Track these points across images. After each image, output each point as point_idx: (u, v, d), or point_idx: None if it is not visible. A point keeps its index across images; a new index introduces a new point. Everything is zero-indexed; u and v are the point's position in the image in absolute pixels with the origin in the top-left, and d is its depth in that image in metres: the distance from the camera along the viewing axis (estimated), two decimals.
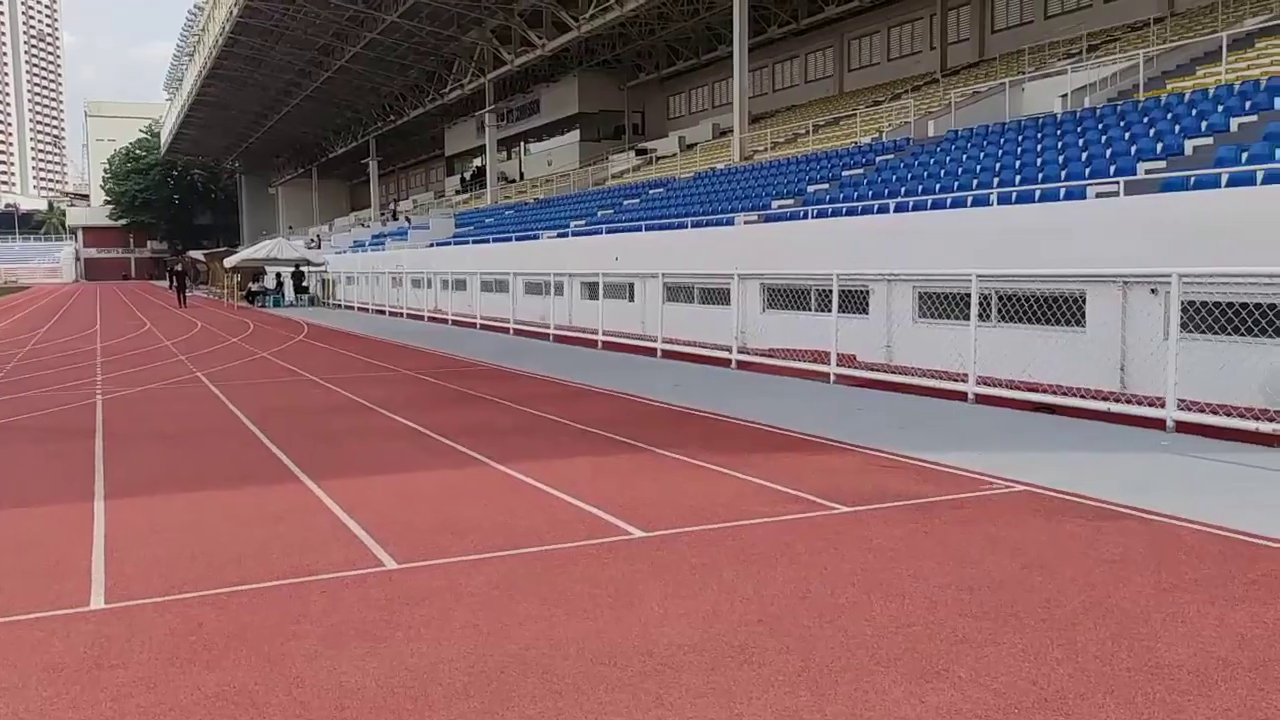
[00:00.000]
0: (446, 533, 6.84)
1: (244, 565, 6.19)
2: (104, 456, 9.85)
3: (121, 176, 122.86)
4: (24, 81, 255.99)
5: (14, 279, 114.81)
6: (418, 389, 15.12)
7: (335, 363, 19.46)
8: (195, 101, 77.97)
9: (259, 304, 45.36)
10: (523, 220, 42.35)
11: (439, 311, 32.73)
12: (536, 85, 57.95)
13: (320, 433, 11.10)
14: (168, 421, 12.19)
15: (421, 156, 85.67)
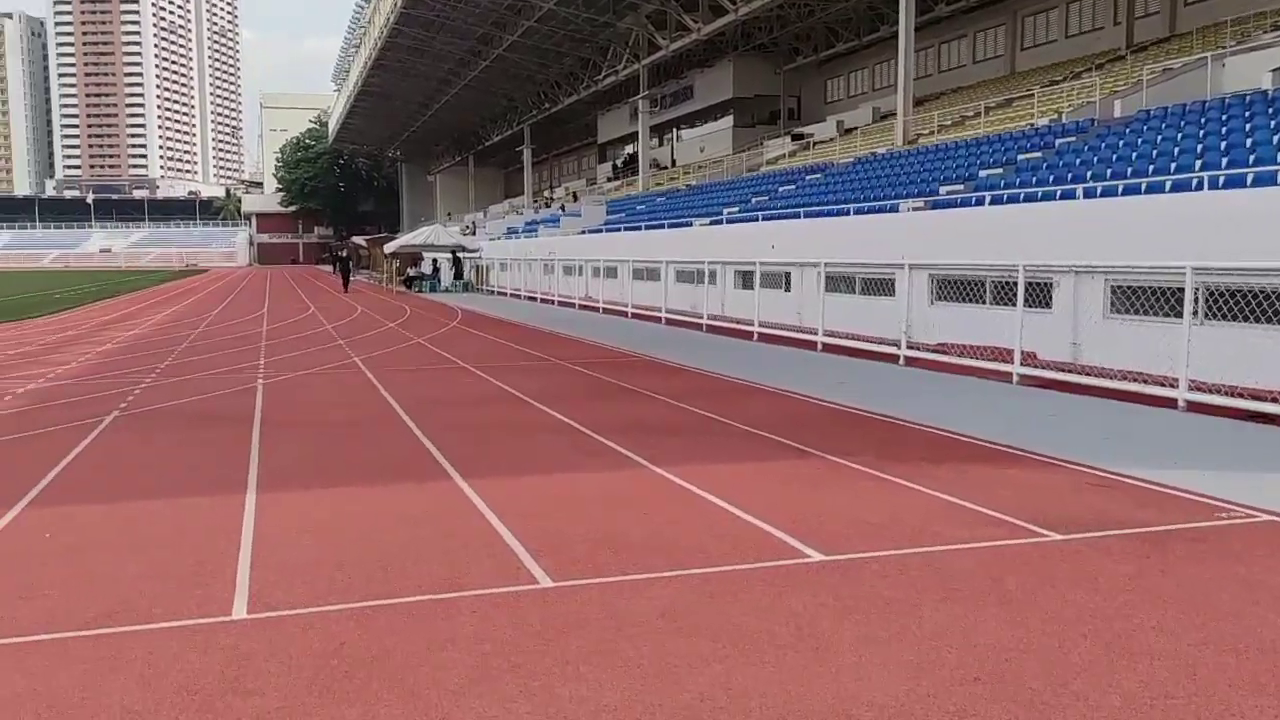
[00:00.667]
0: (604, 546, 6.25)
1: (390, 575, 5.75)
2: (259, 446, 9.69)
3: (292, 165, 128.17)
4: (206, 76, 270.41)
5: (194, 263, 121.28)
6: (571, 380, 14.69)
7: (488, 350, 19.28)
8: (360, 92, 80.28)
9: (416, 289, 46.21)
10: (674, 207, 41.80)
11: (590, 299, 32.50)
12: (690, 70, 57.30)
13: (472, 426, 10.73)
14: (323, 410, 12.06)
15: (574, 144, 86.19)
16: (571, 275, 36.50)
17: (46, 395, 13.40)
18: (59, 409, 12.19)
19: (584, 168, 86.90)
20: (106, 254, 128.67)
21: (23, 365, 17.16)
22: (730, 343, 20.11)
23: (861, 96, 48.69)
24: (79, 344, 21.44)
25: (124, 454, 9.41)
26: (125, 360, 17.88)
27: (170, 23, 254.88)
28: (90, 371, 16.22)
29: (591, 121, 74.25)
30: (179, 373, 15.94)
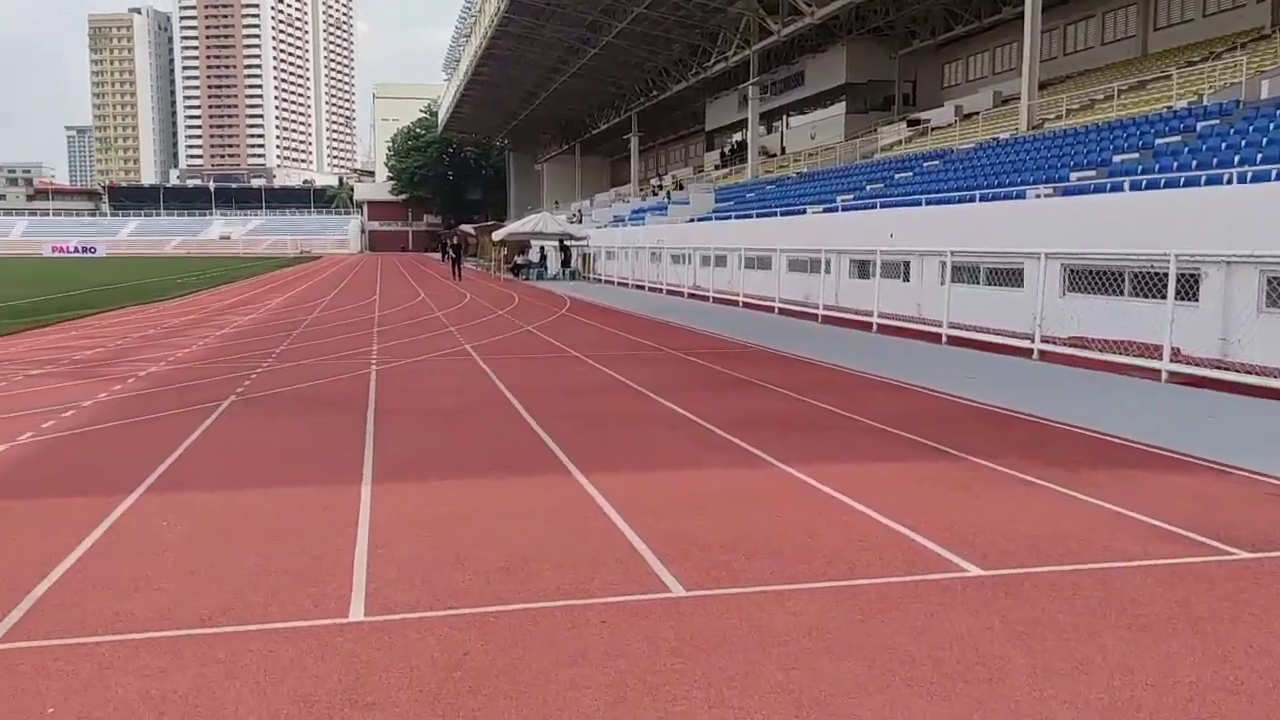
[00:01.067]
0: (738, 552, 5.81)
1: (513, 576, 5.41)
2: (374, 433, 9.51)
3: (403, 154, 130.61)
4: (321, 68, 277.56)
5: (308, 249, 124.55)
6: (685, 370, 14.26)
7: (598, 339, 18.99)
8: (470, 81, 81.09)
9: (523, 276, 46.37)
10: (785, 195, 41.02)
11: (698, 288, 32.05)
12: (801, 56, 56.24)
13: (588, 416, 10.38)
14: (437, 397, 11.87)
15: (681, 132, 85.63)
16: (680, 264, 36.07)
17: (167, 379, 13.53)
18: (178, 393, 12.26)
19: (691, 155, 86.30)
20: (226, 240, 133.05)
21: (146, 348, 17.48)
22: (847, 334, 19.45)
23: (981, 80, 47.06)
24: (200, 328, 21.85)
25: (241, 440, 9.32)
26: (243, 345, 18.09)
27: (288, 16, 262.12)
28: (209, 355, 16.41)
29: (699, 109, 73.61)
30: (294, 357, 16.01)
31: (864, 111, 54.08)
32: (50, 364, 15.19)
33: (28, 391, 12.35)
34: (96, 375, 13.84)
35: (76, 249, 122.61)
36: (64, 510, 6.82)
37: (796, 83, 58.54)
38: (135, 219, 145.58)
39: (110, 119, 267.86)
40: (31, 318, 24.55)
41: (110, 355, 16.39)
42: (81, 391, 12.27)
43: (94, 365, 15.03)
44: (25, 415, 10.57)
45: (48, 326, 22.40)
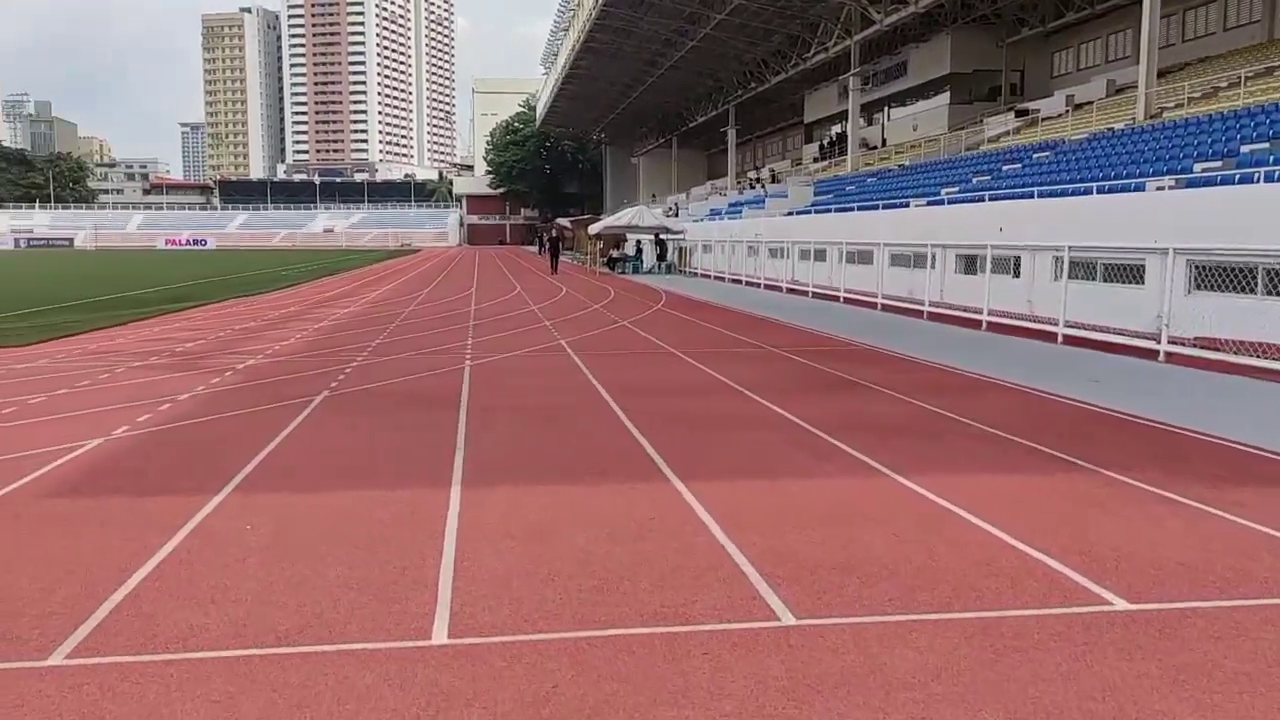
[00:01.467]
0: (851, 575, 5.32)
1: (606, 597, 5.01)
2: (465, 433, 9.21)
3: (501, 148, 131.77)
4: (423, 64, 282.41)
5: (408, 243, 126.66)
6: (786, 370, 13.72)
7: (695, 335, 18.55)
8: (567, 75, 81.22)
9: (619, 270, 46.13)
10: (886, 188, 39.98)
11: (797, 282, 31.35)
12: (904, 46, 54.84)
13: (686, 418, 9.93)
14: (531, 395, 11.56)
15: (779, 124, 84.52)
16: (777, 258, 35.39)
17: (263, 372, 13.51)
18: (273, 387, 12.19)
19: (789, 148, 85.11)
20: (329, 234, 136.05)
21: (246, 341, 17.61)
22: (955, 332, 18.65)
23: (1093, 69, 45.21)
24: (298, 320, 22.03)
25: (330, 438, 9.12)
26: (339, 338, 18.11)
27: (391, 13, 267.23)
28: (306, 348, 16.43)
29: (798, 101, 72.48)
30: (389, 351, 15.92)
31: (968, 102, 52.50)
32: (153, 355, 15.35)
33: (128, 384, 12.42)
34: (196, 368, 13.90)
35: (188, 241, 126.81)
36: (150, 510, 6.65)
37: (898, 73, 57.17)
38: (244, 212, 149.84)
39: (221, 115, 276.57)
40: (140, 309, 25.11)
41: (211, 348, 16.53)
42: (180, 384, 12.29)
43: (194, 358, 15.14)
44: (123, 409, 10.57)
45: (155, 318, 22.84)
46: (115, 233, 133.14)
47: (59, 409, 10.57)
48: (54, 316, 22.88)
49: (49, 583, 5.27)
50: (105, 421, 9.78)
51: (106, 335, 18.70)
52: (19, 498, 7.01)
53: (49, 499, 6.98)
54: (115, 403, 10.93)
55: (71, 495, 7.08)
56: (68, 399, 11.23)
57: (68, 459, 8.17)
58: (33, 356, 15.35)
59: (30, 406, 10.75)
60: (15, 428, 9.59)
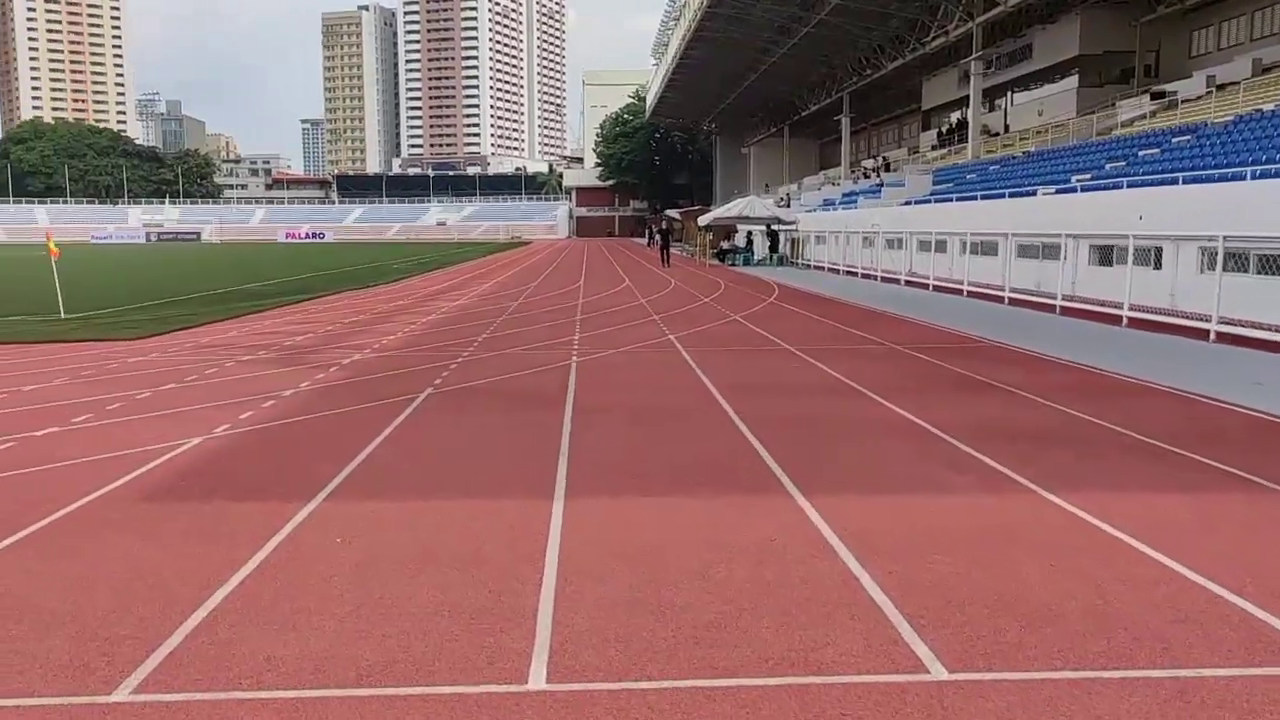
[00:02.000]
0: (1009, 616, 4.61)
1: (725, 636, 4.41)
2: (570, 435, 8.70)
3: (610, 140, 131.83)
4: (534, 58, 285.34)
5: (518, 235, 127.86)
6: (910, 369, 12.87)
7: (811, 330, 17.77)
8: (678, 65, 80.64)
9: (729, 262, 45.36)
10: (1010, 175, 38.33)
11: (916, 275, 30.17)
12: (1029, 28, 52.62)
13: (805, 423, 9.24)
14: (639, 394, 11.01)
15: (895, 112, 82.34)
16: (894, 249, 34.18)
17: (368, 368, 13.27)
18: (376, 383, 11.91)
19: (904, 136, 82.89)
20: (442, 226, 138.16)
21: (353, 335, 17.50)
22: (1091, 328, 17.46)
23: (1236, 48, 42.58)
24: (407, 314, 21.94)
25: (431, 440, 8.71)
26: (446, 332, 17.87)
27: (504, 8, 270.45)
28: (412, 343, 16.20)
29: (915, 87, 70.40)
30: (495, 347, 15.57)
31: (1098, 85, 50.11)
32: (261, 349, 15.30)
33: (234, 379, 12.29)
34: (302, 363, 13.75)
35: (307, 235, 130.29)
36: (241, 518, 6.30)
37: (1023, 56, 54.95)
38: (360, 206, 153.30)
39: (340, 111, 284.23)
40: (255, 301, 25.43)
41: (318, 342, 16.44)
42: (284, 380, 12.10)
43: (301, 352, 15.03)
44: (226, 405, 10.38)
45: (269, 310, 23.05)
46: (239, 226, 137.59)
47: (164, 405, 10.43)
48: (172, 309, 23.28)
49: (128, 599, 4.92)
50: (208, 419, 9.58)
51: (220, 328, 18.83)
52: (113, 501, 6.75)
53: (142, 503, 6.70)
54: (219, 399, 10.76)
55: (165, 499, 6.79)
56: (173, 395, 11.11)
57: (166, 459, 7.93)
58: (146, 350, 15.45)
59: (137, 402, 10.65)
60: (120, 425, 9.44)
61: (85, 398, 10.90)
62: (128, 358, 14.43)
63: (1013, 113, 58.85)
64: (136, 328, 18.73)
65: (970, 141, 53.55)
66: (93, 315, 21.47)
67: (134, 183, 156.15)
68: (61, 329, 18.68)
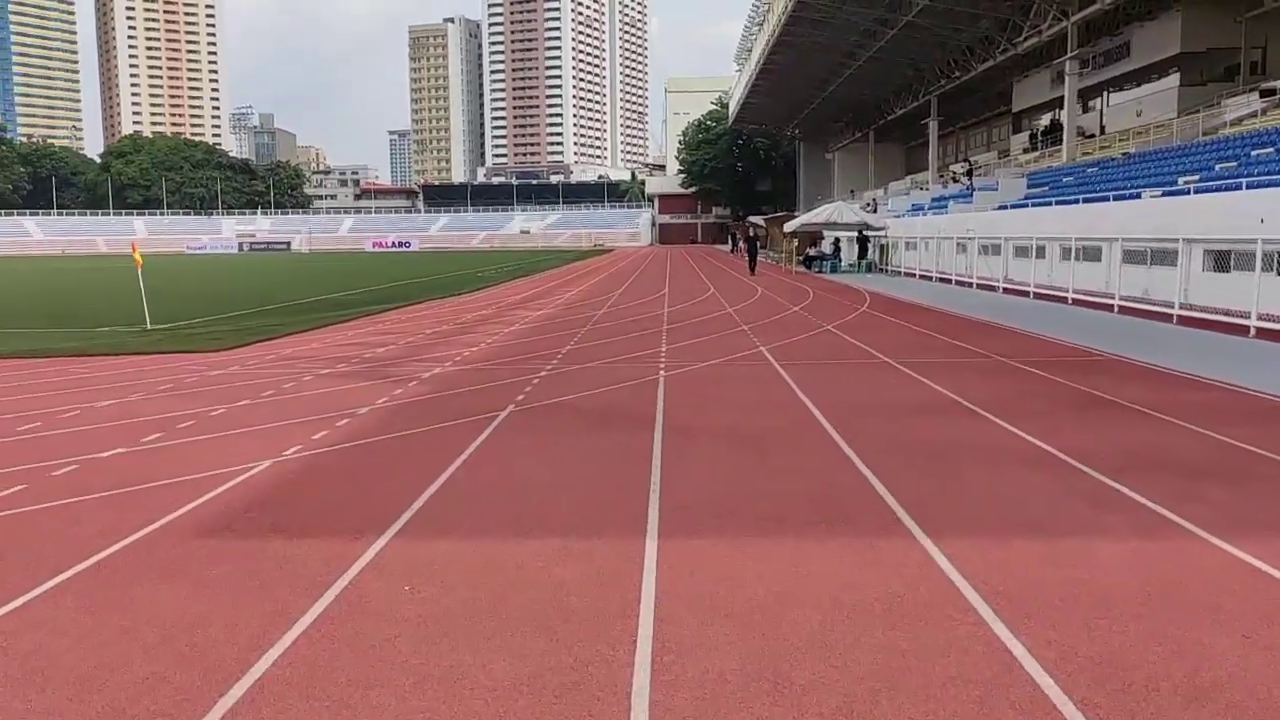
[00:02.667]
0: (1205, 709, 3.76)
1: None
2: (661, 462, 7.98)
3: (693, 147, 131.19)
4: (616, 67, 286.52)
5: (601, 243, 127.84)
6: (1026, 385, 11.89)
7: (910, 341, 16.81)
8: (761, 71, 79.69)
9: (816, 269, 44.30)
10: (1110, 178, 36.68)
11: (1012, 281, 28.87)
12: (1127, 26, 50.64)
13: (921, 449, 8.38)
14: (734, 414, 10.24)
15: (984, 115, 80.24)
16: (989, 255, 32.85)
17: (448, 382, 12.74)
18: (457, 399, 11.36)
19: (994, 139, 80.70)
20: (525, 235, 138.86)
21: (436, 346, 17.05)
22: (1215, 339, 16.21)
23: None
24: (490, 323, 21.50)
25: (511, 465, 8.07)
26: (529, 344, 17.33)
27: (586, 18, 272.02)
28: (495, 355, 15.67)
29: (1004, 89, 68.42)
30: (580, 359, 14.95)
31: (1201, 84, 47.94)
32: (341, 362, 14.91)
33: (312, 394, 11.85)
34: (382, 376, 13.29)
35: (393, 244, 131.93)
36: (301, 560, 5.71)
37: (1120, 55, 52.91)
38: (445, 215, 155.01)
39: (426, 122, 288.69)
40: (340, 311, 25.27)
41: (399, 354, 16.01)
42: (363, 395, 11.62)
43: (382, 365, 14.59)
44: (300, 423, 9.90)
45: (352, 320, 22.82)
46: (328, 236, 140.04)
47: (236, 423, 10.00)
48: (257, 319, 23.20)
49: (165, 665, 4.33)
50: (280, 439, 9.10)
51: (302, 339, 18.57)
52: (167, 537, 6.23)
53: (197, 540, 6.16)
54: (294, 417, 10.30)
55: (222, 535, 6.25)
56: (247, 412, 10.69)
57: (231, 485, 7.42)
58: (226, 362, 15.17)
59: (210, 419, 10.24)
60: (188, 445, 9.00)
61: (158, 414, 10.54)
62: (207, 371, 14.15)
63: (1109, 113, 56.78)
64: (219, 339, 18.56)
65: (1065, 143, 51.71)
66: (179, 326, 21.44)
67: (227, 194, 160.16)
68: (146, 341, 18.60)
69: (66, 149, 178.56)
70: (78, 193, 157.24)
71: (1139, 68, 51.54)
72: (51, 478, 7.82)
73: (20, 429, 9.93)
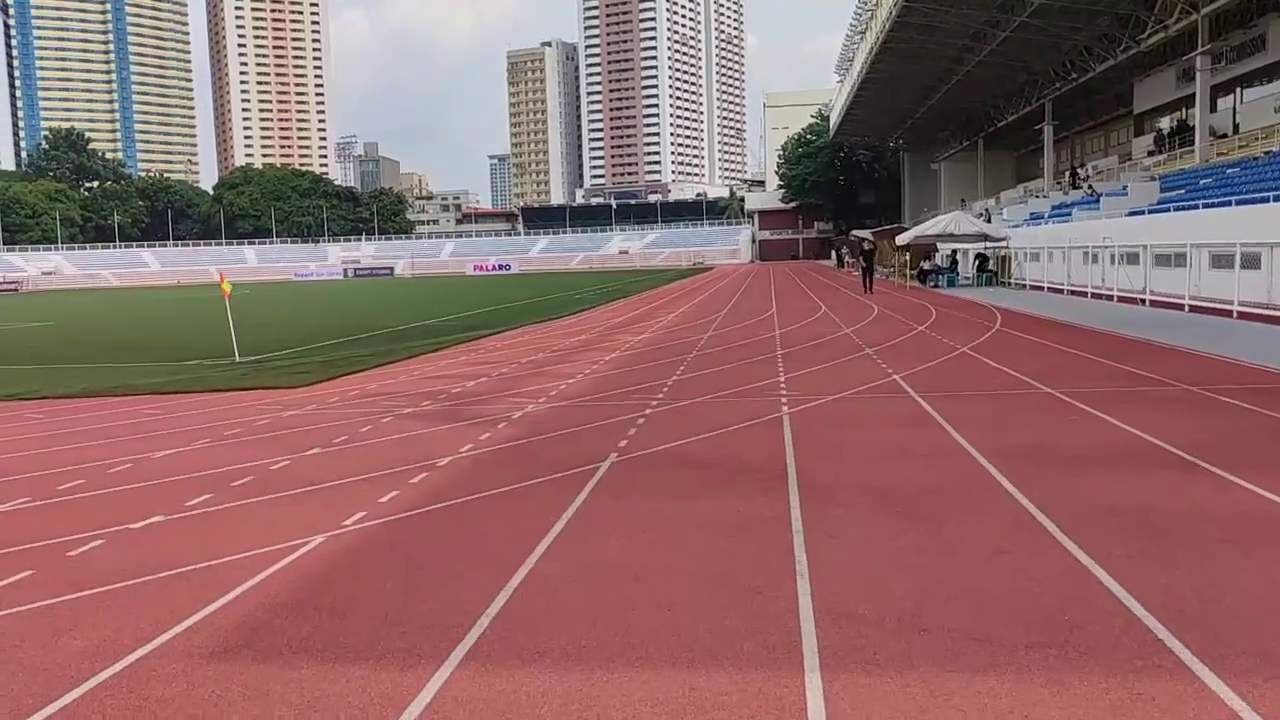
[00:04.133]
0: None
1: None
2: (805, 543, 6.24)
3: (793, 161, 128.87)
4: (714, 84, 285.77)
5: (700, 260, 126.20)
6: (1235, 422, 9.77)
7: (1064, 365, 14.75)
8: (864, 80, 77.36)
9: (931, 284, 41.94)
10: (1256, 178, 33.73)
11: (1155, 293, 26.30)
12: (1261, 17, 47.22)
13: (1145, 521, 6.42)
14: (883, 466, 8.41)
15: (1102, 118, 76.38)
16: (1123, 264, 30.21)
17: (541, 424, 11.22)
18: (549, 446, 9.83)
19: (1112, 143, 76.74)
20: (624, 255, 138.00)
21: (529, 379, 15.61)
22: None
23: None
24: (589, 350, 20.03)
25: (613, 545, 6.42)
26: (631, 374, 15.76)
27: (683, 36, 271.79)
28: (592, 389, 14.14)
29: (1123, 91, 64.81)
30: (687, 393, 13.31)
31: None
32: (427, 399, 13.55)
33: (388, 441, 10.46)
34: (468, 417, 11.85)
35: (494, 267, 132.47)
36: (330, 701, 4.18)
37: (1254, 49, 49.36)
38: (545, 237, 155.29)
39: (525, 145, 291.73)
40: (435, 339, 24.15)
41: (490, 388, 14.59)
42: (444, 443, 10.18)
43: (470, 402, 13.18)
44: (369, 481, 8.46)
45: (446, 349, 21.63)
46: (430, 260, 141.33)
47: (298, 480, 8.61)
48: (349, 349, 22.17)
49: None
50: (343, 503, 7.67)
51: (389, 372, 17.36)
52: (168, 658, 4.76)
53: (206, 663, 4.68)
54: (364, 470, 8.88)
55: (238, 655, 4.76)
56: (314, 464, 9.32)
57: (269, 573, 5.98)
58: (304, 400, 13.96)
59: (269, 475, 8.89)
60: (237, 510, 7.63)
61: (216, 468, 9.24)
62: (283, 411, 12.93)
63: (1243, 111, 53.09)
64: (305, 373, 17.47)
65: (1197, 144, 48.40)
66: (267, 358, 20.52)
67: (333, 221, 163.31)
68: (229, 375, 17.62)
69: (182, 182, 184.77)
70: (192, 224, 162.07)
71: (1276, 61, 48.07)
72: (66, 559, 6.50)
73: (60, 487, 8.73)
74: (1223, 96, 54.67)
